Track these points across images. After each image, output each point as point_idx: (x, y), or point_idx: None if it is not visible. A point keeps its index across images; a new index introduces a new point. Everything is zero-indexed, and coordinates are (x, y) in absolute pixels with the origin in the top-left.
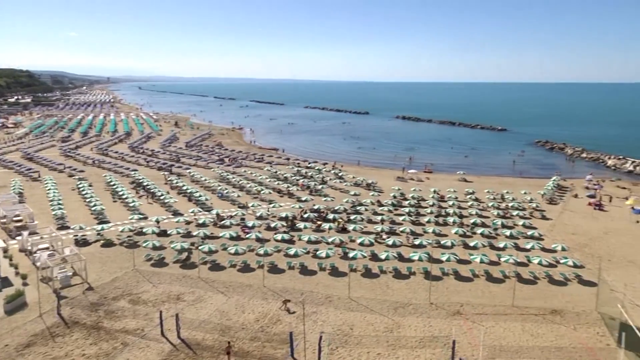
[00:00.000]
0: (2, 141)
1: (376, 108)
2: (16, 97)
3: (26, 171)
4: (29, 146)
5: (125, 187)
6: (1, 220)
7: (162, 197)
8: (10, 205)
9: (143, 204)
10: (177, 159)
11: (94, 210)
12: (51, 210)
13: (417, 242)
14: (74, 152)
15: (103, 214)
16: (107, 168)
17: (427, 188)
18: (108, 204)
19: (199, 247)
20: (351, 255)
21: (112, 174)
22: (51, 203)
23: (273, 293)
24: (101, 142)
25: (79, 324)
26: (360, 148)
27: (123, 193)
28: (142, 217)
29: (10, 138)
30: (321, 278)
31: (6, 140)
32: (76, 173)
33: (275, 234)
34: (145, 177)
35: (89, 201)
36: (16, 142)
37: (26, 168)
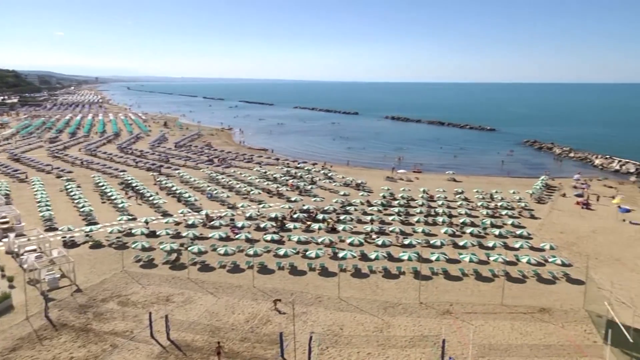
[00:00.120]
0: None
1: (365, 108)
2: (2, 98)
3: (13, 172)
4: (16, 147)
5: (114, 188)
6: None
7: (151, 198)
8: None
9: (132, 205)
10: (166, 160)
11: (83, 211)
12: (39, 211)
13: (407, 242)
14: (62, 153)
15: (91, 215)
16: (96, 169)
17: (417, 188)
18: (96, 205)
19: (189, 248)
20: (341, 255)
21: (101, 175)
22: (39, 204)
23: (263, 294)
24: (89, 143)
25: (67, 327)
26: (349, 148)
27: (112, 194)
28: (131, 218)
29: None
30: (311, 278)
31: None
32: (64, 174)
33: (264, 235)
34: (134, 178)
35: (77, 202)
36: (2, 143)
37: (13, 169)
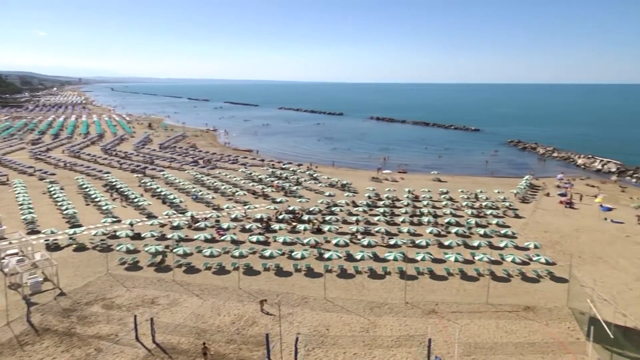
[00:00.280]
0: None
1: (350, 109)
2: None
3: None
4: None
5: (98, 190)
6: None
7: (136, 200)
8: None
9: (116, 207)
10: (151, 161)
11: (66, 213)
12: (21, 214)
13: (392, 242)
14: (45, 155)
15: (75, 218)
16: (79, 171)
17: (402, 188)
18: (80, 208)
19: (174, 250)
20: (326, 256)
21: (85, 177)
22: (21, 207)
23: (249, 295)
24: (73, 145)
25: (50, 331)
26: (334, 149)
27: (96, 196)
28: (116, 220)
29: None
30: (297, 279)
31: None
32: (47, 176)
33: (250, 236)
34: (118, 180)
35: (61, 205)
36: None
37: None
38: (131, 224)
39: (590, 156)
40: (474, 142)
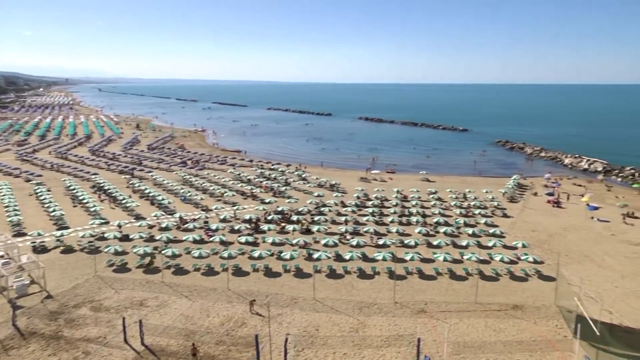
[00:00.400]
0: None
1: (339, 109)
2: None
3: None
4: None
5: (85, 192)
6: None
7: (124, 201)
8: None
9: (105, 209)
10: (139, 162)
11: (53, 215)
12: (6, 216)
13: (381, 242)
14: (31, 156)
15: (63, 220)
16: (67, 172)
17: (390, 188)
18: (68, 209)
19: (162, 252)
20: (315, 256)
21: (72, 178)
22: (6, 209)
23: (238, 296)
24: (60, 146)
25: (37, 335)
26: (323, 149)
27: (83, 197)
28: (104, 222)
29: None
30: (286, 280)
31: None
32: (33, 178)
33: (239, 237)
34: (106, 181)
35: (48, 206)
36: None
37: None
38: (119, 226)
39: (577, 156)
40: (463, 142)
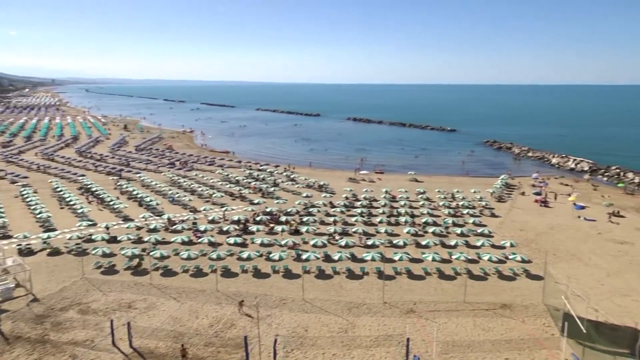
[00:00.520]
0: None
1: (327, 110)
2: None
3: None
4: None
5: (72, 193)
6: None
7: (112, 203)
8: None
9: (92, 210)
10: (127, 163)
11: (40, 217)
12: None
13: (370, 243)
14: (17, 158)
15: (49, 222)
16: (54, 174)
17: (379, 188)
18: (55, 211)
19: (151, 253)
20: (304, 257)
21: (59, 180)
22: None
23: (227, 297)
24: (46, 147)
25: (22, 339)
26: (312, 150)
27: (70, 199)
28: (91, 224)
29: None
30: (275, 281)
31: None
32: (19, 179)
33: (227, 238)
34: (93, 183)
35: (34, 208)
36: None
37: None
38: (107, 227)
39: (564, 155)
40: (451, 143)
